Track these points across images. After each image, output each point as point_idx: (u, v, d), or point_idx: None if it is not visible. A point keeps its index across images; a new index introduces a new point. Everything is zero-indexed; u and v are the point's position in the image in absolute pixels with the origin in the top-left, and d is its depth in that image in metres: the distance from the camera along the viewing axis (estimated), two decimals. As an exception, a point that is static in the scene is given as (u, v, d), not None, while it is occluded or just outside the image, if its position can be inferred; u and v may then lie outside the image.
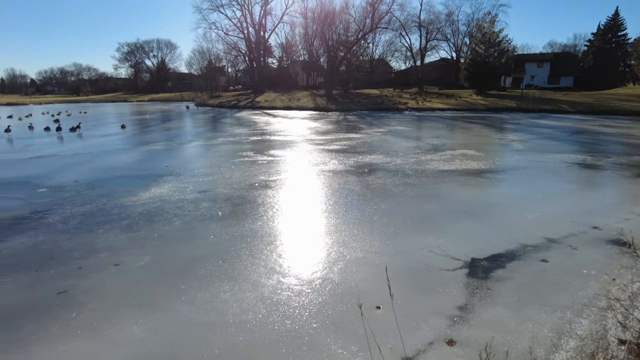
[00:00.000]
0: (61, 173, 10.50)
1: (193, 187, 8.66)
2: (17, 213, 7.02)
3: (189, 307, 3.97)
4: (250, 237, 5.77)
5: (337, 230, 6.03)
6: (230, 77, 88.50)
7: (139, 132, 21.94)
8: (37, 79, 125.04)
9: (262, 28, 62.95)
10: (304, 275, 4.61)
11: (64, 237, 5.88)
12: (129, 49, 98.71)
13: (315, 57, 68.46)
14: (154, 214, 6.87)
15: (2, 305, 4.06)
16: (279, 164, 11.50)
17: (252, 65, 66.49)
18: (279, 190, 8.42)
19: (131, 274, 4.71)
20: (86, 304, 4.09)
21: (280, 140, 17.02)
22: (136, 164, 12.05)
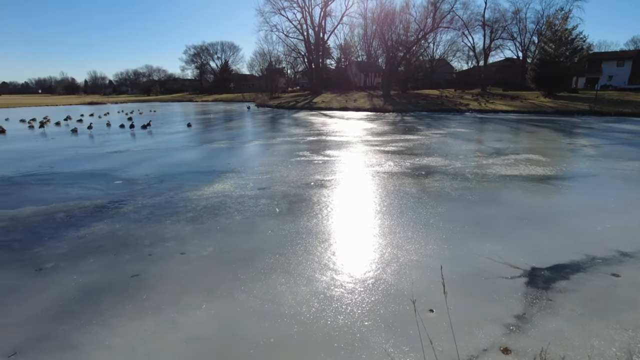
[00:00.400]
0: (134, 167, 11.40)
1: (253, 184, 9.05)
2: (98, 202, 7.76)
3: (247, 296, 4.21)
4: (305, 234, 5.96)
5: (392, 232, 6.05)
6: (289, 78, 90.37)
7: (204, 130, 23.15)
8: (114, 80, 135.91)
9: (321, 29, 63.68)
10: (357, 274, 4.70)
11: (136, 226, 6.42)
12: (195, 51, 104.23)
13: (373, 57, 68.14)
14: (217, 207, 7.29)
15: (86, 283, 4.55)
16: (334, 164, 11.65)
17: (311, 66, 67.44)
18: (334, 190, 8.57)
19: (196, 263, 5.06)
20: (155, 287, 4.47)
21: (336, 140, 17.18)
22: (201, 160, 12.78)
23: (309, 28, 63.35)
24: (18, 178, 10.03)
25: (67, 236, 5.97)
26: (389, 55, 51.25)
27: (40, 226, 6.42)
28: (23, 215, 6.98)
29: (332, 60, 78.73)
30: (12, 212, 7.13)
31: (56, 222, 6.62)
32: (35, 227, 6.36)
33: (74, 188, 8.90)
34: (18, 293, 4.35)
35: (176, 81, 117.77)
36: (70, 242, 5.73)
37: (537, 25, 55.82)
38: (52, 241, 5.78)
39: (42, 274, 4.78)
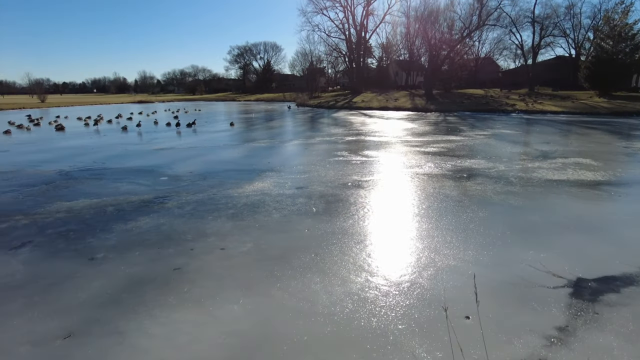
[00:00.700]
0: (179, 164, 11.87)
1: (291, 183, 9.19)
2: (145, 197, 8.15)
3: (283, 294, 4.30)
4: (341, 235, 5.98)
5: (429, 235, 5.95)
6: (329, 77, 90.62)
7: (246, 129, 23.71)
8: (161, 80, 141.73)
9: (363, 29, 63.36)
10: (392, 276, 4.68)
11: (180, 221, 6.69)
12: (239, 52, 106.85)
13: (416, 56, 67.03)
14: (256, 205, 7.47)
15: (132, 273, 4.81)
16: (373, 164, 11.59)
17: (352, 65, 67.29)
18: (371, 191, 8.53)
19: (234, 258, 5.22)
20: (196, 281, 4.65)
21: (375, 140, 17.07)
22: (242, 159, 13.12)
23: (350, 27, 63.25)
24: (74, 172, 10.72)
25: (116, 229, 6.33)
26: (431, 54, 50.18)
27: (92, 218, 6.84)
28: (78, 207, 7.47)
29: (374, 59, 78.23)
30: (69, 204, 7.65)
31: (106, 215, 7.03)
32: (88, 219, 6.79)
33: (123, 183, 9.41)
34: (73, 280, 4.67)
35: (220, 81, 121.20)
36: (118, 235, 6.08)
37: (593, 20, 52.72)
38: (103, 233, 6.15)
39: (93, 263, 5.10)
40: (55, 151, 14.99)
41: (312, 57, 75.16)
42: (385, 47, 74.00)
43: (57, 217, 6.90)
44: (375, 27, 67.55)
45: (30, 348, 3.47)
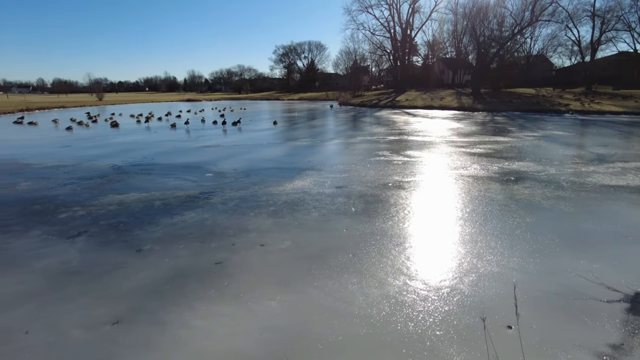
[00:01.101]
0: (224, 161, 12.21)
1: (331, 183, 9.19)
2: (190, 192, 8.45)
3: (319, 293, 4.31)
4: (380, 236, 5.91)
5: (472, 240, 5.75)
6: (373, 76, 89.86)
7: (288, 128, 24.01)
8: (209, 79, 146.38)
9: (409, 26, 62.27)
10: (431, 281, 4.56)
11: (223, 216, 6.88)
12: (284, 51, 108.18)
13: (463, 54, 64.97)
14: (296, 203, 7.54)
15: (176, 266, 5.00)
16: (415, 165, 11.36)
17: (396, 64, 66.31)
18: (413, 192, 8.36)
19: (273, 255, 5.30)
20: (236, 275, 4.76)
21: (418, 140, 16.73)
22: (284, 157, 13.29)
23: (396, 25, 62.35)
24: (126, 167, 11.31)
25: (162, 222, 6.60)
26: (480, 52, 48.52)
27: (141, 211, 7.18)
28: (128, 201, 7.87)
29: (419, 57, 76.67)
30: (120, 198, 8.08)
31: (154, 208, 7.36)
32: (137, 212, 7.13)
33: (170, 179, 9.80)
34: (121, 269, 4.93)
35: (265, 80, 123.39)
36: (164, 228, 6.34)
37: (663, 12, 48.58)
38: (150, 226, 6.43)
39: (140, 255, 5.35)
40: (109, 147, 15.89)
41: (356, 56, 74.87)
42: (431, 45, 72.32)
43: (109, 210, 7.30)
44: (421, 25, 66.10)
45: (83, 331, 3.69)
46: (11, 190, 8.84)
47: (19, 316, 3.95)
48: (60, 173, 10.60)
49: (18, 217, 6.96)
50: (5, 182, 9.64)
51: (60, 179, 9.91)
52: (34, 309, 4.08)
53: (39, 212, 7.19)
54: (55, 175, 10.37)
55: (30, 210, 7.35)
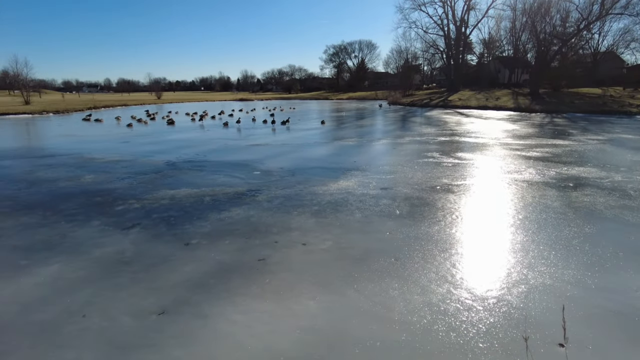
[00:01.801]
0: (271, 159, 12.44)
1: (376, 184, 9.08)
2: (238, 190, 8.69)
3: (359, 296, 4.26)
4: (425, 240, 5.75)
5: (523, 249, 5.44)
6: (425, 75, 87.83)
7: (335, 127, 24.05)
8: (261, 79, 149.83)
9: (463, 24, 60.28)
10: (477, 290, 4.36)
11: (267, 214, 7.00)
12: (334, 51, 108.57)
13: (521, 52, 61.83)
14: (339, 203, 7.52)
15: (221, 261, 5.15)
16: (466, 168, 10.95)
17: (449, 62, 64.39)
18: (462, 196, 8.06)
19: (314, 255, 5.31)
20: (277, 273, 4.82)
21: (470, 142, 16.12)
22: (329, 157, 13.32)
23: (450, 23, 60.55)
24: (179, 163, 11.84)
25: (211, 217, 6.83)
26: (540, 50, 45.90)
27: (191, 206, 7.48)
28: (180, 195, 8.22)
29: (473, 55, 73.99)
30: (172, 192, 8.46)
31: (203, 204, 7.63)
32: (187, 207, 7.43)
33: (220, 175, 10.13)
34: (169, 262, 5.15)
35: (315, 79, 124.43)
36: (212, 223, 6.55)
37: None
38: (199, 221, 6.68)
39: (188, 248, 5.57)
40: (165, 143, 16.71)
41: (408, 55, 73.54)
42: (486, 43, 69.54)
43: (161, 203, 7.67)
44: (476, 22, 63.98)
45: (132, 319, 3.90)
46: (77, 182, 9.54)
47: (79, 300, 4.25)
48: (119, 167, 11.30)
49: (82, 207, 7.49)
50: (73, 174, 10.43)
51: (119, 173, 10.56)
52: (91, 294, 4.36)
53: (99, 204, 7.69)
54: (115, 169, 11.06)
55: (92, 201, 7.88)
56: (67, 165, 11.81)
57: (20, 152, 14.90)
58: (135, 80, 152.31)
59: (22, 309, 4.09)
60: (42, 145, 17.34)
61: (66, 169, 11.23)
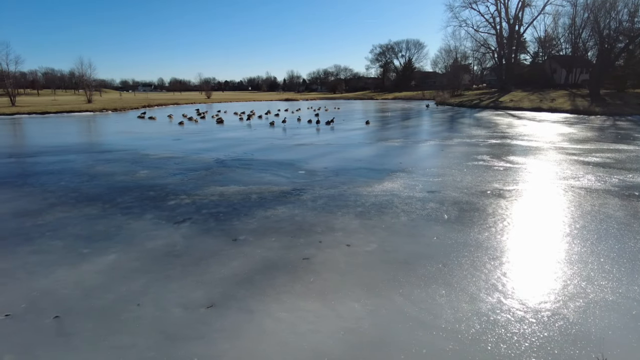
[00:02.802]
0: (315, 159, 12.52)
1: (422, 186, 8.89)
2: (283, 188, 8.81)
3: (404, 301, 4.19)
4: (474, 247, 5.55)
5: (581, 260, 5.12)
6: (474, 75, 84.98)
7: (380, 128, 23.81)
8: (306, 79, 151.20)
9: (517, 22, 57.71)
10: (529, 302, 4.15)
11: (312, 214, 7.05)
12: (381, 50, 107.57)
13: (581, 50, 58.23)
14: (384, 205, 7.43)
15: (266, 257, 5.25)
16: (518, 172, 10.47)
17: (501, 62, 61.88)
18: (514, 202, 7.72)
19: (359, 256, 5.28)
20: (321, 273, 4.84)
21: (523, 145, 15.40)
22: (374, 157, 13.20)
23: (502, 21, 58.22)
24: (228, 161, 12.20)
25: (257, 215, 6.98)
26: (602, 48, 42.94)
27: (238, 203, 7.67)
28: (228, 192, 8.46)
29: (527, 54, 70.62)
30: (221, 189, 8.72)
31: (250, 201, 7.81)
32: (235, 204, 7.63)
33: (266, 174, 10.33)
34: (218, 256, 5.31)
35: (360, 79, 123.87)
36: (258, 220, 6.69)
37: None
38: (246, 217, 6.84)
39: (235, 244, 5.71)
40: (214, 141, 17.28)
41: (457, 54, 71.44)
42: (542, 41, 66.13)
43: (211, 199, 7.93)
44: (532, 20, 60.93)
45: (182, 310, 4.05)
46: (133, 177, 10.07)
47: (134, 289, 4.48)
48: (171, 164, 11.81)
49: (137, 201, 7.90)
50: (129, 169, 11.03)
51: (171, 169, 11.03)
52: (144, 284, 4.58)
53: (152, 198, 8.08)
54: (167, 165, 11.57)
55: (146, 195, 8.29)
56: (124, 160, 12.50)
57: (83, 147, 15.96)
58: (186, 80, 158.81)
59: (84, 295, 4.37)
60: (102, 141, 18.50)
61: (123, 164, 11.90)
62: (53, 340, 3.60)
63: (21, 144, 17.86)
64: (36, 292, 4.42)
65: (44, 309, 4.08)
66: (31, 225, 6.56)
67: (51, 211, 7.30)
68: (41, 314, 4.01)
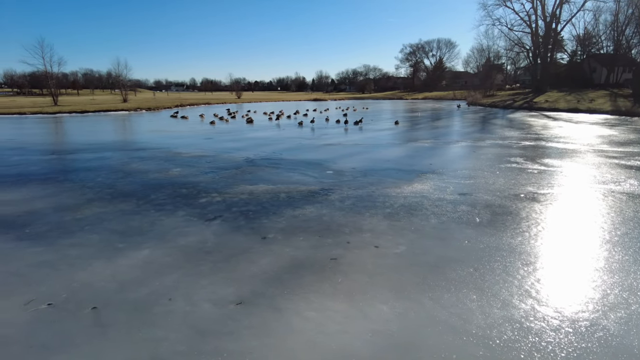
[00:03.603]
0: (343, 159, 12.50)
1: (453, 188, 8.71)
2: (311, 188, 8.84)
3: (434, 304, 4.12)
4: (507, 252, 5.39)
5: (622, 269, 4.89)
6: (508, 75, 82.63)
7: (410, 128, 23.52)
8: (335, 79, 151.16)
9: (554, 19, 55.63)
10: (566, 311, 4.00)
11: (340, 214, 7.04)
12: (411, 50, 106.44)
13: (624, 48, 55.61)
14: (413, 207, 7.33)
15: (295, 256, 5.28)
16: (554, 175, 10.11)
17: (536, 61, 59.88)
18: (549, 207, 7.45)
19: (387, 258, 5.23)
20: (349, 274, 4.82)
21: (559, 147, 14.85)
22: (403, 158, 13.05)
23: (538, 19, 56.26)
24: (257, 160, 12.36)
25: (286, 214, 7.03)
26: (648, 45, 40.76)
27: (267, 202, 7.76)
28: (258, 191, 8.57)
29: (564, 53, 68.04)
30: (251, 188, 8.84)
31: (279, 200, 7.88)
32: (264, 202, 7.72)
33: (294, 173, 10.40)
34: (247, 254, 5.39)
35: (389, 79, 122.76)
36: (287, 219, 6.74)
37: None
38: (275, 216, 6.91)
39: (265, 242, 5.78)
40: (244, 141, 17.54)
41: (490, 53, 69.67)
42: (581, 40, 63.54)
43: (240, 198, 8.05)
44: (570, 17, 58.58)
45: (212, 306, 4.14)
46: (166, 174, 10.36)
47: (166, 284, 4.60)
48: (202, 162, 12.07)
49: (169, 198, 8.12)
50: (162, 167, 11.36)
51: (203, 167, 11.28)
52: (176, 280, 4.70)
53: (185, 195, 8.28)
54: (199, 164, 11.84)
55: (179, 193, 8.50)
56: (157, 158, 12.88)
57: (118, 145, 16.54)
58: (217, 80, 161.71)
59: (119, 288, 4.53)
60: (136, 139, 19.11)
61: (156, 162, 12.26)
62: (91, 330, 3.75)
63: (62, 142, 18.69)
64: (76, 284, 4.61)
65: (83, 300, 4.26)
66: (71, 219, 6.86)
67: (89, 206, 7.61)
68: (80, 304, 4.18)
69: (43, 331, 3.74)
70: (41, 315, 4.00)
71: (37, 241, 5.89)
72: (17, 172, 10.87)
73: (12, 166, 11.83)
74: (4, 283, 4.67)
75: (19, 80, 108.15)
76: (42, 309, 4.11)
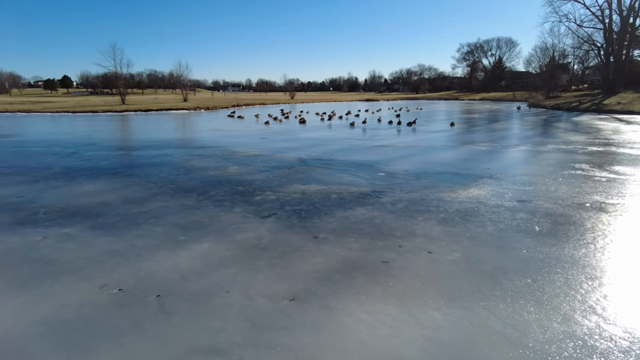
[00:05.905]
0: (396, 161, 12.39)
1: (512, 195, 8.37)
2: (363, 189, 8.87)
3: (489, 314, 4.02)
4: (569, 264, 5.12)
5: None
6: (574, 75, 77.37)
7: (466, 130, 22.79)
8: (388, 79, 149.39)
9: (632, 13, 51.21)
10: (637, 332, 3.74)
11: (391, 217, 7.01)
12: (469, 49, 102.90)
13: None
14: (469, 213, 7.15)
15: (346, 257, 5.35)
16: (625, 184, 9.39)
17: (608, 60, 55.54)
18: (618, 218, 6.95)
19: (440, 265, 5.16)
20: (401, 278, 4.81)
21: (631, 154, 13.74)
22: (459, 162, 12.69)
23: (613, 13, 52.08)
24: (309, 161, 12.57)
25: (337, 214, 7.12)
26: None
27: (319, 202, 7.89)
28: (310, 191, 8.74)
29: (643, 51, 62.40)
30: (303, 187, 9.03)
31: (330, 200, 7.99)
32: (316, 202, 7.86)
33: (345, 174, 10.47)
34: (300, 252, 5.54)
35: (445, 79, 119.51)
36: (338, 220, 6.83)
37: None
38: (326, 216, 7.02)
39: (316, 241, 5.91)
40: (297, 141, 17.88)
41: (555, 52, 65.61)
42: (663, 36, 57.90)
43: (293, 197, 8.26)
44: (651, 11, 53.49)
45: (267, 300, 4.31)
46: (224, 172, 10.84)
47: (224, 277, 4.85)
48: (258, 161, 12.48)
49: (227, 195, 8.50)
50: (221, 165, 11.90)
51: (258, 166, 11.66)
52: (233, 273, 4.94)
53: (241, 193, 8.63)
54: (254, 162, 12.25)
55: (236, 190, 8.88)
56: (216, 156, 13.49)
57: (180, 142, 17.50)
58: (272, 81, 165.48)
59: (181, 278, 4.84)
60: (196, 137, 20.11)
61: (215, 159, 12.84)
62: (156, 316, 4.05)
63: (129, 139, 20.09)
64: (142, 272, 4.99)
65: (148, 288, 4.60)
66: (137, 212, 7.39)
67: (153, 200, 8.15)
68: (146, 291, 4.52)
69: (115, 313, 4.10)
70: (113, 299, 4.38)
71: (108, 231, 6.42)
72: (91, 166, 11.87)
73: (88, 160, 12.94)
74: (85, 267, 5.16)
75: (92, 81, 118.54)
76: (114, 293, 4.50)
